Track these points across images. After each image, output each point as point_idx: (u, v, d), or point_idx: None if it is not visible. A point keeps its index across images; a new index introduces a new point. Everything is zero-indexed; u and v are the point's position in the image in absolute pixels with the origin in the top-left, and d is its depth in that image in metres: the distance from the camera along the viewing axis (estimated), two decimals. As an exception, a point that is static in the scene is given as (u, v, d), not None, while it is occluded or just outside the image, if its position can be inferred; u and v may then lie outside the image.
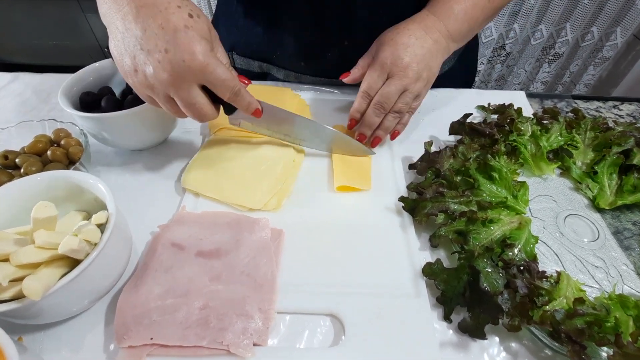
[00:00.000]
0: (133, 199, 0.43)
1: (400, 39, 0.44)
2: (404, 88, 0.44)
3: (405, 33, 0.45)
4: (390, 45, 0.44)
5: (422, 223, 0.39)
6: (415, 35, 0.44)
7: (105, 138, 0.45)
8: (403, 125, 0.49)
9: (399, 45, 0.44)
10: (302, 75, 0.61)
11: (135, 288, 0.33)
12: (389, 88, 0.44)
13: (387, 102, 0.45)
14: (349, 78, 0.48)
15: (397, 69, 0.44)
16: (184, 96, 0.33)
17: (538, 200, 0.45)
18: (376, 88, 0.45)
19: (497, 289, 0.32)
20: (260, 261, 0.35)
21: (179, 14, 0.31)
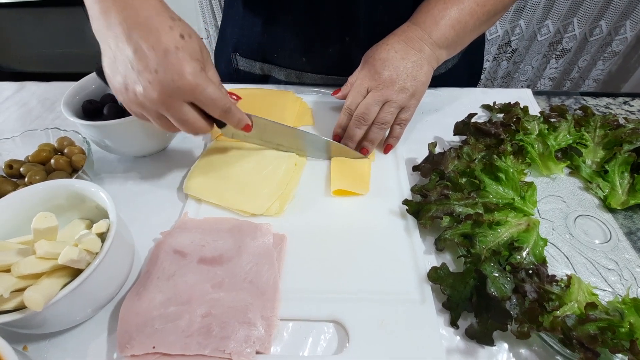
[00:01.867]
0: (135, 205, 0.43)
1: (378, 55, 0.45)
2: (385, 99, 0.45)
3: (384, 48, 0.45)
4: (369, 63, 0.46)
5: (427, 226, 0.38)
6: (395, 48, 0.45)
7: (107, 145, 0.45)
8: (396, 139, 0.49)
9: (376, 61, 0.45)
10: (303, 74, 0.61)
11: (137, 296, 0.33)
12: (368, 100, 0.45)
13: (367, 114, 0.45)
14: (340, 94, 0.49)
15: (374, 83, 0.45)
16: (176, 114, 0.33)
17: (547, 201, 0.44)
18: (356, 102, 0.46)
19: (505, 294, 0.31)
20: (262, 268, 0.35)
21: (170, 34, 0.31)
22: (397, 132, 0.48)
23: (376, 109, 0.45)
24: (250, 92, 0.56)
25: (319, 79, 0.61)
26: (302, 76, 0.61)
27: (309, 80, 0.62)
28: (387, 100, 0.45)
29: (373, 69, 0.45)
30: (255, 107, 0.53)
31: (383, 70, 0.44)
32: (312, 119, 0.54)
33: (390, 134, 0.48)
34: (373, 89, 0.45)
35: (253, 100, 0.54)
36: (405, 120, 0.47)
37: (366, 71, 0.46)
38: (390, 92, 0.44)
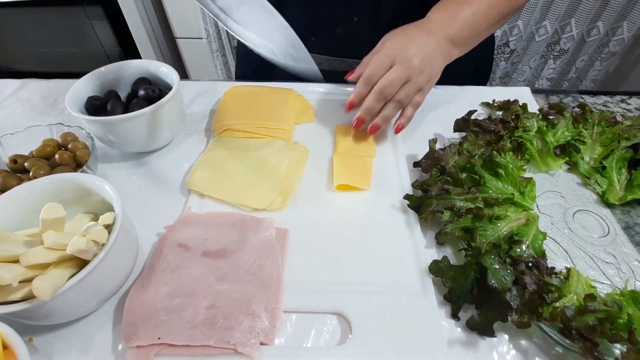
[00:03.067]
0: (139, 200, 0.44)
1: (407, 34, 0.46)
2: (407, 78, 0.44)
3: (408, 32, 0.46)
4: (398, 37, 0.46)
5: (428, 221, 0.39)
6: (418, 34, 0.46)
7: (111, 141, 0.45)
8: (407, 119, 0.48)
9: (406, 39, 0.45)
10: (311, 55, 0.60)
11: (142, 288, 0.33)
12: (392, 75, 0.44)
13: (389, 89, 0.45)
14: (354, 75, 0.48)
15: (402, 58, 0.44)
16: None
17: (545, 197, 0.45)
18: (379, 74, 0.45)
19: (506, 285, 0.32)
20: (265, 261, 0.35)
21: None
22: (409, 113, 0.48)
23: (398, 87, 0.45)
24: (252, 89, 0.56)
25: (325, 61, 0.61)
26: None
27: (315, 62, 0.62)
28: (409, 79, 0.44)
29: (402, 42, 0.45)
30: (257, 104, 0.53)
31: (411, 47, 0.44)
32: (313, 116, 0.54)
33: (402, 114, 0.48)
34: (399, 63, 0.44)
35: (255, 97, 0.55)
36: (418, 104, 0.48)
37: (394, 43, 0.45)
38: (413, 72, 0.44)
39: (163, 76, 0.49)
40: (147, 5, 1.48)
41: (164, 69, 0.49)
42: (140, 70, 0.50)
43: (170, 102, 0.45)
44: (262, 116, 0.51)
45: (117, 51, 1.60)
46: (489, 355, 0.32)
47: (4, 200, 0.32)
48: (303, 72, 0.58)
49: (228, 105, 0.53)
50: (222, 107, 0.53)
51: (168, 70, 0.48)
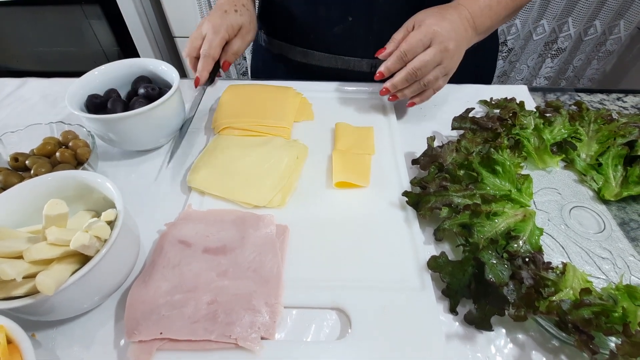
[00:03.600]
0: (140, 198, 0.44)
1: (444, 15, 0.45)
2: (440, 61, 0.45)
3: (448, 12, 0.46)
4: (437, 17, 0.45)
5: (426, 217, 0.39)
6: (455, 17, 0.46)
7: (111, 139, 0.45)
8: (423, 100, 0.50)
9: (444, 20, 0.45)
10: (309, 52, 0.64)
11: (144, 284, 0.33)
12: (428, 57, 0.44)
13: (422, 71, 0.45)
14: (385, 53, 0.47)
15: (440, 39, 0.44)
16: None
17: (542, 193, 0.45)
18: (415, 52, 0.44)
19: (503, 280, 0.32)
20: (266, 257, 0.36)
21: (232, 11, 0.53)
22: (428, 94, 0.49)
23: (430, 69, 0.45)
24: (251, 88, 0.57)
25: (324, 58, 0.63)
26: (309, 55, 0.64)
27: (315, 60, 0.64)
28: (441, 62, 0.45)
29: (443, 23, 0.44)
30: (256, 102, 0.54)
31: (450, 29, 0.44)
32: (312, 114, 0.54)
33: (421, 94, 0.49)
34: (436, 44, 0.44)
35: (254, 96, 0.55)
36: (440, 88, 0.48)
37: (434, 21, 0.44)
38: (446, 56, 0.44)
39: (163, 74, 0.50)
40: (146, 4, 1.48)
41: (163, 67, 0.49)
42: (140, 69, 0.51)
43: (170, 100, 0.45)
44: (262, 114, 0.51)
45: (116, 50, 1.60)
46: (487, 349, 0.32)
47: (6, 197, 0.33)
48: None
49: (227, 104, 0.53)
50: (222, 106, 0.53)
51: (168, 68, 0.49)
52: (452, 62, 0.46)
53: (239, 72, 1.68)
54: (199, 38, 0.52)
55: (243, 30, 0.55)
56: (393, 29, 0.48)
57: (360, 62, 0.63)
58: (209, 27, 0.52)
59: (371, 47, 0.60)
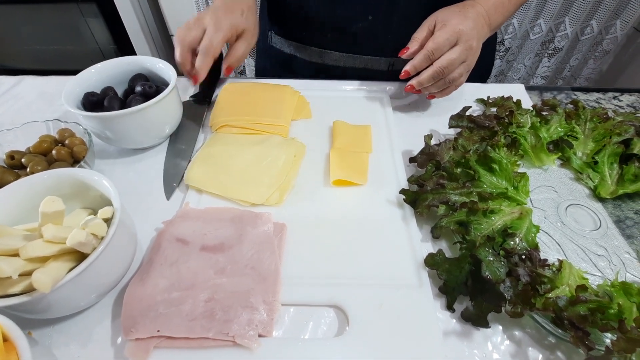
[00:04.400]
0: (137, 197, 0.44)
1: (467, 13, 0.46)
2: (466, 59, 0.46)
3: (469, 10, 0.47)
4: (460, 15, 0.46)
5: (424, 215, 0.39)
6: (476, 15, 0.47)
7: (108, 137, 0.45)
8: (444, 95, 0.51)
9: (468, 18, 0.46)
10: (326, 52, 0.64)
11: (141, 282, 0.33)
12: (455, 55, 0.45)
13: (448, 69, 0.46)
14: (409, 52, 0.47)
15: (466, 37, 0.45)
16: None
17: (539, 191, 0.45)
18: (442, 51, 0.45)
19: (499, 277, 0.33)
20: (263, 255, 0.36)
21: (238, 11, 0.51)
22: (450, 90, 0.50)
23: (456, 67, 0.46)
24: (248, 86, 0.57)
25: (341, 58, 0.63)
26: (325, 55, 0.64)
27: (331, 60, 0.64)
28: (466, 60, 0.46)
29: (467, 22, 0.45)
30: (254, 100, 0.54)
31: (472, 30, 0.45)
32: (310, 113, 0.54)
33: (444, 91, 0.50)
34: (461, 43, 0.45)
35: (251, 94, 0.55)
36: (461, 84, 0.49)
37: (459, 21, 0.45)
38: (470, 53, 0.46)
39: (160, 72, 0.50)
40: (142, 2, 1.47)
41: (160, 65, 0.49)
42: (137, 67, 0.50)
43: (167, 98, 0.45)
44: (259, 112, 0.51)
45: (112, 49, 1.59)
46: (484, 346, 0.32)
47: (2, 195, 0.33)
48: None
49: (225, 102, 0.53)
50: (219, 104, 0.53)
51: (165, 66, 0.49)
52: (475, 59, 0.47)
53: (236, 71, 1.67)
54: (198, 29, 0.47)
55: (247, 34, 0.52)
56: (412, 28, 0.48)
57: (379, 60, 0.63)
58: (211, 22, 0.47)
59: (390, 46, 0.61)
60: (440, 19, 0.46)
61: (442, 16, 0.46)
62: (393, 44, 0.59)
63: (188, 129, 0.52)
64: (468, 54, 0.46)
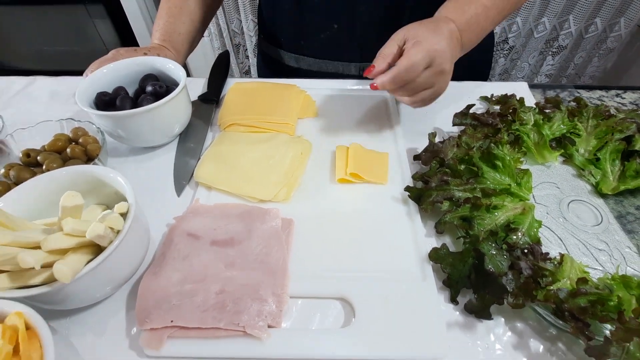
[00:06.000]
0: (148, 193, 0.45)
1: (441, 31, 0.42)
2: (434, 84, 0.43)
3: (441, 27, 0.43)
4: (436, 34, 0.42)
5: (428, 211, 0.40)
6: (449, 34, 0.43)
7: (120, 136, 0.46)
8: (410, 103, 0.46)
9: (443, 38, 0.42)
10: (301, 58, 0.67)
11: (154, 275, 0.34)
12: (424, 79, 0.42)
13: (416, 89, 0.43)
14: (375, 72, 0.42)
15: (439, 61, 0.41)
16: None
17: (541, 187, 0.46)
18: (417, 71, 0.41)
19: (502, 270, 0.33)
20: (272, 249, 0.37)
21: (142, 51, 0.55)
22: (409, 101, 0.46)
23: (423, 89, 0.44)
24: (255, 85, 0.58)
25: (314, 63, 0.67)
26: (300, 60, 0.67)
27: (305, 65, 0.67)
28: (434, 85, 0.43)
29: (440, 46, 0.41)
30: (261, 100, 0.55)
31: (446, 52, 0.41)
32: (316, 111, 0.55)
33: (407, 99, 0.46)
34: (433, 67, 0.41)
35: (258, 93, 0.56)
36: (422, 105, 0.47)
37: (432, 45, 0.41)
38: (442, 79, 0.43)
39: (170, 72, 0.51)
40: (149, 3, 1.49)
41: (170, 65, 0.50)
42: (147, 67, 0.52)
43: (177, 98, 0.46)
44: (267, 111, 0.52)
45: (119, 50, 1.61)
46: (486, 337, 0.33)
47: (21, 190, 0.34)
48: None
49: (233, 101, 0.54)
50: (227, 103, 0.54)
51: (175, 66, 0.50)
52: (446, 83, 0.44)
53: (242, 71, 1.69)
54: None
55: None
56: (376, 35, 0.48)
57: (349, 66, 0.66)
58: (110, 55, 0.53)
59: (356, 52, 0.64)
60: (412, 35, 0.41)
61: (415, 33, 0.42)
62: (359, 50, 0.63)
63: (197, 127, 0.53)
64: (437, 79, 0.42)
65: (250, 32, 1.52)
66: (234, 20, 1.52)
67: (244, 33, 1.54)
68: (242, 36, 1.57)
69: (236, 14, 1.49)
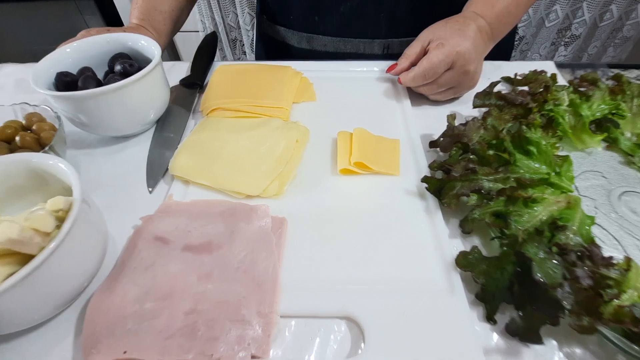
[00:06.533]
0: (116, 190, 0.38)
1: (467, 31, 0.42)
2: (457, 84, 0.44)
3: (469, 27, 0.43)
4: (460, 35, 0.42)
5: (452, 206, 0.33)
6: (473, 32, 0.43)
7: (83, 122, 0.39)
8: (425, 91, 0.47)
9: (467, 38, 0.42)
10: (314, 37, 0.59)
11: (108, 290, 0.27)
12: (446, 80, 0.43)
13: (438, 88, 0.44)
14: (397, 70, 0.46)
15: (462, 62, 0.42)
16: None
17: (584, 177, 0.39)
18: (437, 72, 0.42)
19: (555, 280, 0.26)
20: (259, 255, 0.29)
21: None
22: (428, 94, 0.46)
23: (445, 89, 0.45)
24: (244, 67, 0.51)
25: (330, 43, 0.58)
26: (313, 40, 0.58)
27: (319, 45, 0.59)
28: (458, 85, 0.44)
29: (466, 43, 0.42)
30: (251, 82, 0.48)
31: (471, 53, 0.42)
32: (314, 95, 0.48)
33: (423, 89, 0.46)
34: (455, 68, 0.42)
35: (248, 76, 0.49)
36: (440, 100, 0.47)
37: (458, 41, 0.42)
38: (465, 79, 0.43)
39: (143, 51, 0.44)
40: (140, -3, 1.43)
41: (143, 42, 0.43)
42: (118, 45, 0.45)
43: (150, 77, 0.39)
44: (257, 94, 0.45)
45: (111, 47, 1.55)
46: (536, 367, 0.26)
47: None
48: None
49: (218, 84, 0.47)
50: (212, 86, 0.47)
51: (148, 43, 0.43)
52: (471, 82, 0.45)
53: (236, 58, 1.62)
54: None
55: None
56: (406, 5, 0.45)
57: (372, 43, 0.57)
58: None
59: (383, 26, 0.55)
60: (437, 37, 0.43)
61: (439, 34, 0.43)
62: (387, 23, 0.54)
63: (177, 115, 0.46)
64: (461, 79, 0.43)
65: (247, 26, 1.46)
66: (229, 14, 1.45)
67: (241, 27, 1.48)
68: (239, 31, 1.51)
69: (232, 7, 1.43)
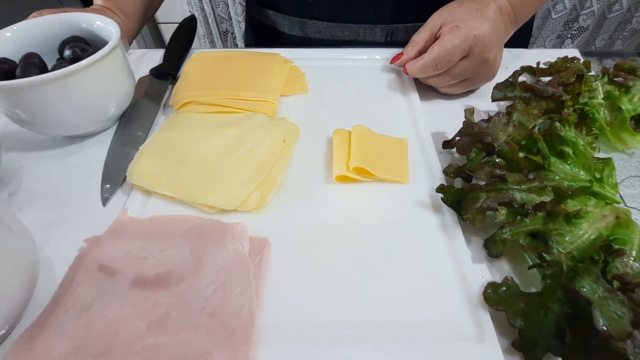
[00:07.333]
0: (64, 202, 0.31)
1: (487, 12, 0.37)
2: (473, 74, 0.38)
3: (489, 7, 0.37)
4: (479, 16, 0.36)
5: (476, 223, 0.26)
6: (494, 14, 0.37)
7: (22, 119, 0.32)
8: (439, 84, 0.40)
9: (487, 20, 0.36)
10: (307, 22, 0.52)
11: (27, 345, 0.20)
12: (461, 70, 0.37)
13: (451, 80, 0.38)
14: (402, 60, 0.40)
15: (481, 48, 0.36)
16: None
17: (629, 184, 0.32)
18: (451, 60, 0.36)
19: (623, 328, 0.19)
20: (232, 291, 0.23)
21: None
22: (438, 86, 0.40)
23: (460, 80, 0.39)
24: (225, 54, 0.44)
25: (325, 29, 0.52)
26: (306, 26, 0.52)
27: (313, 32, 0.52)
28: (474, 75, 0.38)
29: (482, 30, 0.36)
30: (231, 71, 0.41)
31: (491, 39, 0.36)
32: (306, 86, 0.41)
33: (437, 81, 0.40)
34: (473, 56, 0.36)
35: (228, 64, 0.42)
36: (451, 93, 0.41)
37: (472, 29, 0.36)
38: (484, 68, 0.37)
39: (101, 33, 0.37)
40: (124, -14, 1.35)
41: (99, 22, 0.36)
42: (70, 28, 0.37)
43: (106, 63, 0.32)
44: (238, 85, 0.38)
45: (94, 39, 1.47)
46: None
47: None
48: None
49: (193, 73, 0.40)
50: (186, 76, 0.40)
51: (105, 23, 0.36)
52: (489, 73, 0.39)
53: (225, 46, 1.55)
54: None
55: None
56: None
57: (373, 29, 0.51)
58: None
59: (386, 9, 0.48)
60: (450, 19, 0.37)
61: (454, 15, 0.37)
62: (391, 6, 0.48)
63: (144, 110, 0.39)
64: (478, 69, 0.37)
65: (238, 17, 1.38)
66: (220, 4, 1.38)
67: (232, 19, 1.41)
68: (230, 22, 1.43)
69: (222, -3, 1.35)
